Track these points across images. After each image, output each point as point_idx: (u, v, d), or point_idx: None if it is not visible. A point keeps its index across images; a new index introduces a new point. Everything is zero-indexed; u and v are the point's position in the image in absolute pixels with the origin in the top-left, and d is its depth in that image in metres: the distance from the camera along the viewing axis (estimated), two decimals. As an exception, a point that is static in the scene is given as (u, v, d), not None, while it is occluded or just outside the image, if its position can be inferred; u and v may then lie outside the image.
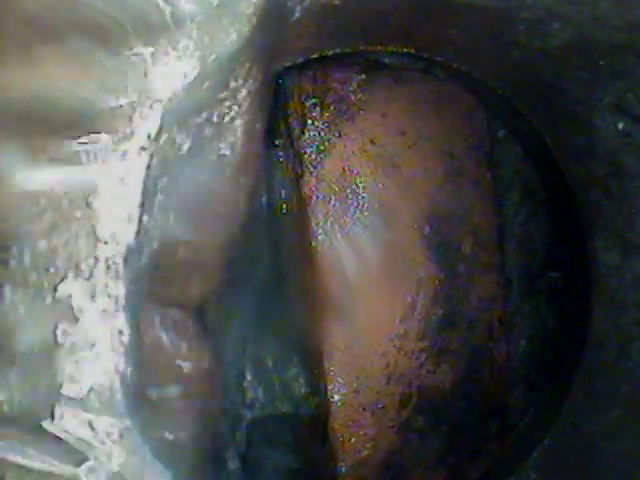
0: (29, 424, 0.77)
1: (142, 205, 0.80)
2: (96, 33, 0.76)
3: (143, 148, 0.80)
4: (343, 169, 1.24)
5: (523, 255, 1.36)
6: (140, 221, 0.80)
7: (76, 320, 0.78)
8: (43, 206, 0.77)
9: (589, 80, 1.07)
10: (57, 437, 0.77)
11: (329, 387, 1.22)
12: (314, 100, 1.24)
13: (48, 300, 0.77)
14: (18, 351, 0.76)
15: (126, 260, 0.79)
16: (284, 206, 1.28)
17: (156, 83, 0.79)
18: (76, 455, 0.78)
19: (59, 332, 0.77)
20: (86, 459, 0.78)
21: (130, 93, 0.78)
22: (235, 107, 0.95)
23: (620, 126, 1.07)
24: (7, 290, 0.77)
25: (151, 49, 0.78)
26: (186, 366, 1.02)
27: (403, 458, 1.28)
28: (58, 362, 0.77)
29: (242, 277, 1.21)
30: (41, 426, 0.76)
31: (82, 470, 0.78)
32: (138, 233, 0.80)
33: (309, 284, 1.24)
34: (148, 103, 0.80)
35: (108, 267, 0.79)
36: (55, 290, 0.77)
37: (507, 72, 1.23)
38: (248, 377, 1.32)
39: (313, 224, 1.22)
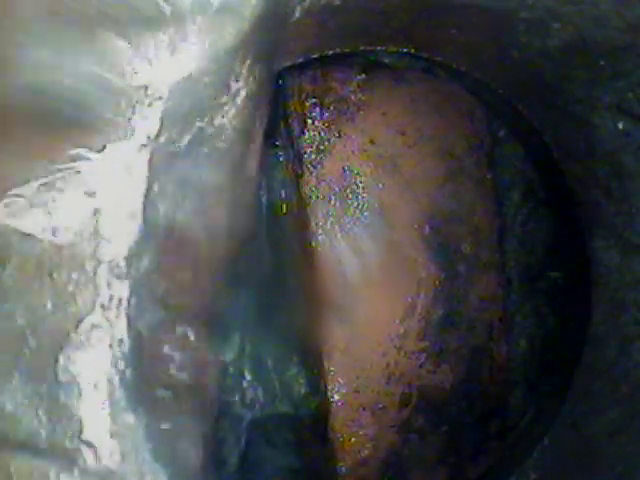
0: (30, 426, 0.77)
1: (144, 205, 0.80)
2: (96, 32, 0.76)
3: (143, 147, 0.80)
4: (343, 169, 1.24)
5: (523, 255, 1.36)
6: (143, 220, 0.80)
7: (78, 321, 0.78)
8: (44, 206, 0.77)
9: (589, 80, 1.07)
10: (58, 439, 0.77)
11: (329, 387, 1.22)
12: (314, 100, 1.24)
13: (50, 304, 0.77)
14: (23, 350, 0.76)
15: (128, 260, 0.79)
16: (284, 206, 1.28)
17: (156, 82, 0.79)
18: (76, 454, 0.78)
19: (62, 334, 0.77)
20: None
21: (130, 92, 0.78)
22: (235, 106, 0.95)
23: (620, 126, 1.07)
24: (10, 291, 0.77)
25: (151, 48, 0.78)
26: (187, 366, 1.02)
27: (403, 458, 1.27)
28: (60, 361, 0.77)
29: (242, 277, 1.21)
30: (42, 428, 0.77)
31: (82, 468, 0.78)
32: (141, 232, 0.80)
33: (309, 284, 1.24)
34: (148, 102, 0.80)
35: (111, 267, 0.79)
36: (58, 293, 0.77)
37: (507, 72, 1.23)
38: (248, 377, 1.32)
39: (313, 224, 1.22)
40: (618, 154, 1.10)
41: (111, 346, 0.79)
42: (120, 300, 0.79)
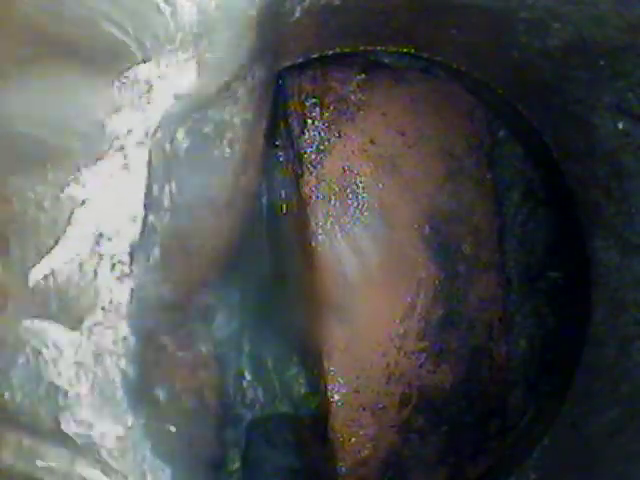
0: (31, 424, 0.77)
1: (146, 204, 0.80)
2: (96, 32, 0.76)
3: (141, 145, 0.80)
4: (343, 169, 1.24)
5: (523, 255, 1.36)
6: (145, 219, 0.80)
7: (79, 320, 0.78)
8: (44, 206, 0.77)
9: (589, 80, 1.07)
10: (58, 437, 0.77)
11: (329, 387, 1.22)
12: (314, 100, 1.24)
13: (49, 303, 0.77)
14: (20, 350, 0.76)
15: (131, 259, 0.79)
16: (284, 206, 1.28)
17: (155, 82, 0.79)
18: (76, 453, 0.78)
19: (61, 332, 0.77)
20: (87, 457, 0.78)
21: (129, 92, 0.78)
22: (235, 107, 0.95)
23: (620, 126, 1.07)
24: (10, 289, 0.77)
25: (151, 48, 0.78)
26: (187, 366, 1.02)
27: (403, 458, 1.27)
28: (60, 361, 0.77)
29: (242, 277, 1.21)
30: (42, 426, 0.77)
31: (82, 468, 0.78)
32: (142, 231, 0.80)
33: (309, 284, 1.24)
34: (147, 100, 0.80)
35: (113, 265, 0.79)
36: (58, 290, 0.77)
37: (507, 72, 1.23)
38: (248, 377, 1.32)
39: (313, 224, 1.22)
40: (618, 154, 1.10)
41: (113, 345, 0.79)
42: (121, 299, 0.80)
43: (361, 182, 1.24)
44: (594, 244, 1.22)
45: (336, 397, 1.23)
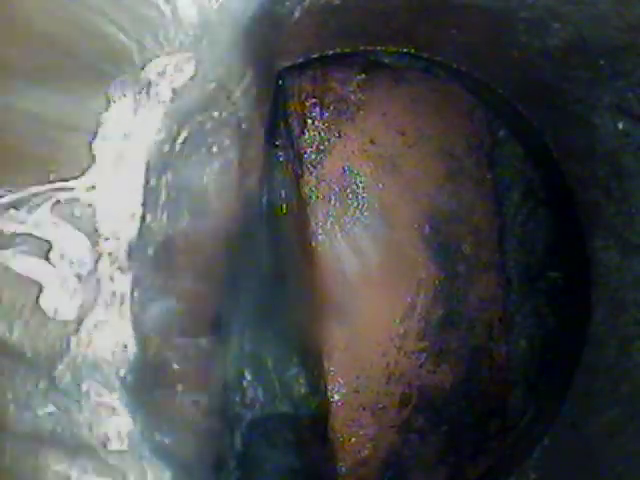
0: (31, 425, 0.77)
1: (144, 203, 0.81)
2: (96, 33, 0.76)
3: (141, 147, 0.80)
4: (343, 169, 1.24)
5: (523, 255, 1.36)
6: (143, 218, 0.81)
7: (79, 320, 0.78)
8: (44, 202, 0.77)
9: (589, 80, 1.07)
10: (58, 438, 0.77)
11: (329, 387, 1.22)
12: (314, 100, 1.24)
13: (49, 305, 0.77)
14: (19, 353, 0.76)
15: (129, 256, 0.79)
16: (284, 206, 1.28)
17: (155, 83, 0.79)
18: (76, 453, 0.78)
19: (62, 336, 0.77)
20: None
21: (128, 93, 0.78)
22: (234, 107, 0.95)
23: (620, 126, 1.07)
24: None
25: (150, 48, 0.78)
26: (187, 366, 1.02)
27: (403, 458, 1.27)
28: (60, 363, 0.77)
29: (242, 277, 1.21)
30: (43, 426, 0.77)
31: (83, 467, 0.78)
32: (140, 230, 0.81)
33: (309, 284, 1.24)
34: (146, 102, 0.80)
35: (111, 263, 0.79)
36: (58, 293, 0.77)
37: (507, 72, 1.23)
38: (248, 377, 1.32)
39: (313, 224, 1.22)
40: (618, 154, 1.10)
41: (113, 346, 0.79)
42: (122, 298, 0.80)
43: (361, 182, 1.24)
44: (594, 244, 1.22)
45: (336, 397, 1.23)
